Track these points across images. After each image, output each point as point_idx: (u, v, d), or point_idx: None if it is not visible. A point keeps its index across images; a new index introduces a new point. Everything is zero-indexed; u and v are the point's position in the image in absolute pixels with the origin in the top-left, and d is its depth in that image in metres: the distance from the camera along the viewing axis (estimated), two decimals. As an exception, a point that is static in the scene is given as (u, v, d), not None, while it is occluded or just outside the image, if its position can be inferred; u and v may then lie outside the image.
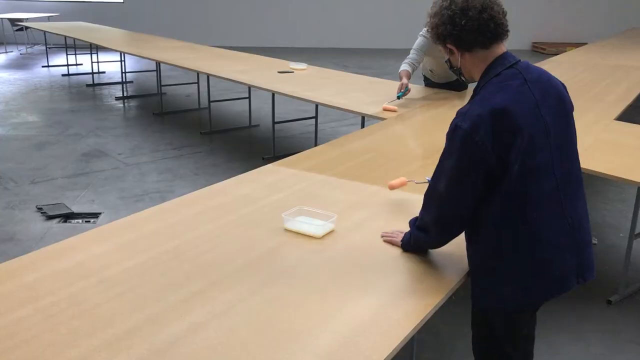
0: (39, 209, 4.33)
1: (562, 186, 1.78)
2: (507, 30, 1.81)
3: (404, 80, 4.31)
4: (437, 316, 1.77)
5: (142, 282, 1.80)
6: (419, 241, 1.98)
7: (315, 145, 4.58)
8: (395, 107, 4.13)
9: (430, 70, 4.74)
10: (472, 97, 1.81)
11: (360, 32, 13.42)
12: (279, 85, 4.96)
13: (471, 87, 5.12)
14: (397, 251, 2.05)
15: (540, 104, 1.75)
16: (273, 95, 5.19)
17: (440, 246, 1.97)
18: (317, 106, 5.28)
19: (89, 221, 4.19)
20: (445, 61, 1.95)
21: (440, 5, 1.82)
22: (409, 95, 4.40)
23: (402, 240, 2.04)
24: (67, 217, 4.23)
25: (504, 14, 1.81)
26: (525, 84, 1.75)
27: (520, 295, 1.80)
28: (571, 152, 1.85)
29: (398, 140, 3.47)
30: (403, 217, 2.33)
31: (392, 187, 2.51)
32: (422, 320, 1.65)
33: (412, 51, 4.43)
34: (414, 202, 2.47)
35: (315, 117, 5.71)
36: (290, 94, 4.68)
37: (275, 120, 5.54)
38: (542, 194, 1.73)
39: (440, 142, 1.85)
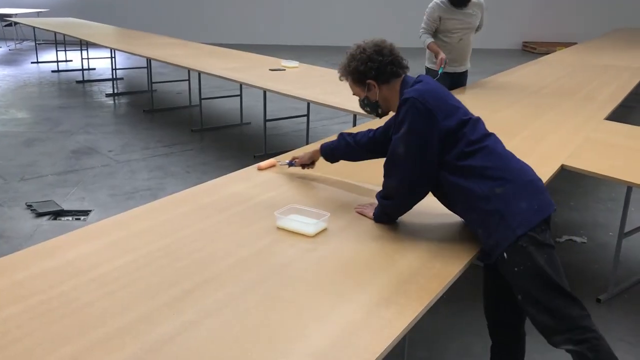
0: (29, 206, 4.30)
1: (483, 127, 2.16)
2: (407, 65, 2.24)
3: (443, 54, 4.33)
4: (429, 315, 1.77)
5: (133, 281, 1.79)
6: (387, 209, 2.20)
7: (307, 143, 4.58)
8: None
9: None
10: (397, 110, 2.11)
11: (351, 30, 13.40)
12: (271, 83, 4.95)
13: (470, 83, 5.13)
14: (389, 250, 2.05)
15: (443, 90, 2.18)
16: (265, 92, 5.18)
17: (407, 210, 2.18)
18: (308, 104, 5.28)
19: (79, 219, 4.16)
20: (362, 100, 2.29)
21: (353, 54, 2.21)
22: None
23: (373, 214, 2.24)
24: (57, 214, 4.20)
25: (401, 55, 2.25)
26: (430, 82, 2.17)
27: (529, 212, 1.96)
28: (465, 108, 2.21)
29: (390, 139, 3.46)
30: (395, 216, 2.33)
31: (261, 169, 2.77)
32: (414, 319, 1.66)
33: (425, 19, 4.46)
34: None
35: (307, 115, 5.70)
36: (282, 91, 4.68)
37: (267, 118, 5.54)
38: (479, 134, 2.09)
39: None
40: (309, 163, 2.67)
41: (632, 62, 6.56)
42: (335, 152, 2.55)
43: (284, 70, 5.65)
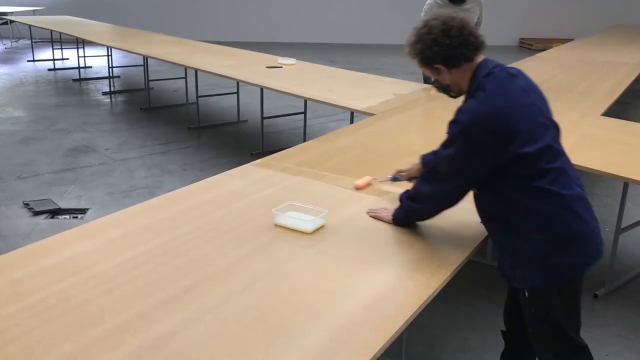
0: (26, 204, 4.29)
1: (567, 160, 1.97)
2: (484, 42, 1.97)
3: None
4: (427, 311, 1.78)
5: (131, 278, 1.79)
6: (411, 212, 2.15)
7: (304, 140, 4.58)
8: None
9: None
10: (466, 97, 1.98)
11: (348, 27, 13.41)
12: (268, 81, 4.95)
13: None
14: (386, 246, 2.06)
15: (529, 91, 1.97)
16: (262, 90, 5.18)
17: (430, 217, 2.14)
18: (305, 101, 5.28)
19: (77, 217, 4.16)
20: (433, 82, 2.10)
21: (419, 32, 1.98)
22: (397, 91, 4.41)
23: (393, 215, 2.19)
24: (54, 213, 4.20)
25: (478, 29, 2.00)
26: (511, 77, 1.95)
27: (568, 263, 1.88)
28: (558, 132, 2.03)
29: (387, 136, 3.47)
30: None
31: (358, 188, 2.54)
32: (412, 315, 1.66)
33: (422, 16, 4.44)
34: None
35: (304, 113, 5.70)
36: (279, 89, 4.67)
37: (264, 115, 5.53)
38: (559, 168, 1.89)
39: (430, 138, 1.86)
40: (417, 175, 2.38)
41: (628, 58, 6.57)
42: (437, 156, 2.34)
43: (281, 67, 5.65)
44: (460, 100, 2.04)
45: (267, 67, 5.60)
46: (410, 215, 2.16)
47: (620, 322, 3.06)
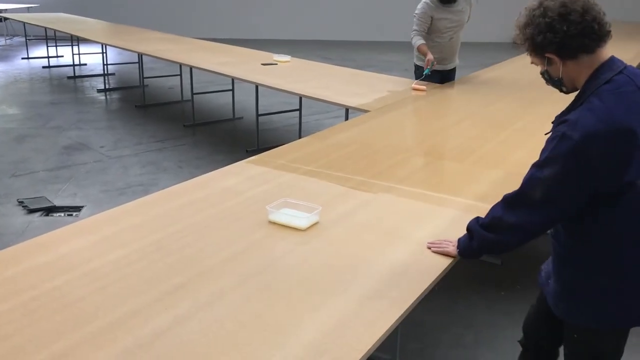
0: (20, 202, 4.28)
1: None
2: (610, 31, 1.67)
3: (430, 56, 4.32)
4: (420, 307, 1.78)
5: (125, 275, 1.79)
6: (488, 243, 1.84)
7: (299, 137, 4.58)
8: (424, 87, 4.16)
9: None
10: (577, 103, 1.67)
11: (343, 24, 13.40)
12: (263, 78, 4.95)
13: (456, 77, 5.14)
14: (380, 243, 2.06)
15: None
16: (257, 87, 5.17)
17: (510, 250, 1.85)
18: (300, 98, 5.28)
19: (71, 215, 4.15)
20: (542, 73, 1.79)
21: (532, 14, 1.67)
22: (393, 88, 4.41)
23: (459, 247, 1.93)
24: (49, 210, 4.19)
25: (604, 13, 1.66)
26: (639, 91, 1.62)
27: (623, 314, 1.73)
28: None
29: (382, 133, 3.47)
30: (389, 209, 2.35)
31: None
32: (406, 311, 1.67)
33: (416, 21, 4.44)
34: (400, 195, 2.48)
35: (299, 110, 5.69)
36: (274, 86, 4.67)
37: (259, 112, 5.53)
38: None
39: (426, 135, 1.86)
40: None
41: (623, 54, 6.54)
42: None
43: (276, 64, 5.64)
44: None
45: (262, 64, 5.59)
46: (484, 247, 1.86)
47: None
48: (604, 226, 1.64)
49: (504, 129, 3.42)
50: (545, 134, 1.69)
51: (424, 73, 4.35)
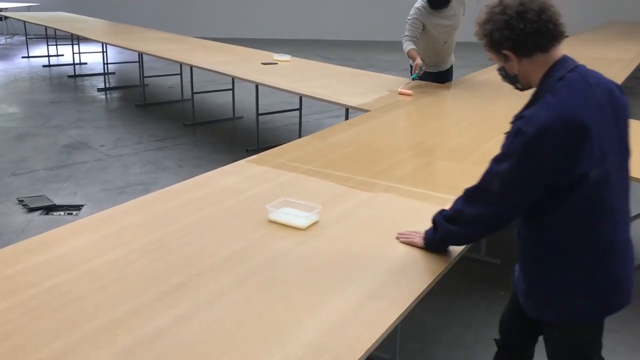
0: (20, 201, 4.29)
1: (626, 193, 1.76)
2: (564, 32, 1.73)
3: (419, 60, 4.30)
4: (420, 306, 1.78)
5: (125, 274, 1.79)
6: (450, 235, 1.91)
7: (299, 137, 4.57)
8: (411, 92, 4.15)
9: (421, 59, 4.70)
10: (533, 100, 1.73)
11: (343, 24, 13.40)
12: (263, 77, 4.95)
13: (455, 77, 5.13)
14: (380, 243, 2.06)
15: (605, 108, 1.69)
16: (257, 87, 5.17)
17: (472, 242, 1.91)
18: (301, 98, 5.28)
19: (71, 214, 4.15)
20: (499, 69, 1.84)
21: (492, 11, 1.73)
22: (393, 88, 4.40)
23: (425, 238, 1.98)
24: (49, 209, 4.19)
25: (560, 15, 1.73)
26: (590, 88, 1.69)
27: (591, 306, 1.75)
28: (627, 159, 1.78)
29: (382, 132, 3.47)
30: (389, 209, 2.35)
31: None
32: (405, 311, 1.67)
33: (408, 27, 4.42)
34: (400, 195, 2.48)
35: (299, 109, 5.70)
36: (274, 85, 4.67)
37: (259, 112, 5.53)
38: (613, 204, 1.70)
39: (425, 135, 1.86)
40: None
41: (623, 54, 6.58)
42: None
43: (276, 64, 5.64)
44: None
45: (262, 63, 5.59)
46: (447, 239, 1.93)
47: (613, 317, 3.06)
48: (562, 219, 1.68)
49: (503, 129, 3.39)
50: (505, 133, 1.73)
51: (411, 78, 4.35)
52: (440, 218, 1.91)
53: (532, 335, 2.06)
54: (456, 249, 2.01)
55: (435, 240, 1.95)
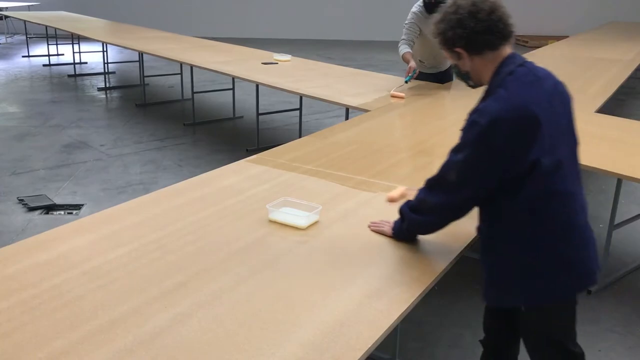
0: (20, 200, 4.29)
1: (579, 180, 1.86)
2: (513, 31, 1.82)
3: (412, 63, 4.30)
4: (420, 306, 1.78)
5: (125, 274, 1.79)
6: (415, 224, 1.99)
7: (300, 137, 4.57)
8: (403, 94, 4.14)
9: (420, 60, 4.71)
10: (486, 95, 1.82)
11: (344, 24, 13.40)
12: (263, 77, 4.95)
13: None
14: (380, 242, 2.06)
15: (553, 101, 1.78)
16: (257, 86, 5.17)
17: (436, 230, 1.98)
18: (301, 98, 5.28)
19: (71, 213, 4.15)
20: (452, 67, 1.95)
21: (446, 11, 1.84)
22: (393, 88, 4.40)
23: (393, 228, 2.06)
24: (49, 208, 4.19)
25: (509, 15, 1.82)
26: (539, 81, 1.79)
27: (552, 288, 1.80)
28: (576, 147, 1.89)
29: (382, 132, 3.48)
30: (389, 209, 2.34)
31: (392, 200, 2.16)
32: (405, 310, 1.67)
33: (405, 31, 4.42)
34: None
35: (300, 109, 5.70)
36: (275, 85, 4.67)
37: (260, 111, 5.53)
38: (567, 189, 1.78)
39: (425, 135, 1.86)
40: None
41: (622, 55, 6.58)
42: None
43: (277, 63, 5.64)
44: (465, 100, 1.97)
45: (262, 63, 5.60)
46: (412, 228, 2.01)
47: (612, 317, 3.08)
48: (517, 205, 1.75)
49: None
50: (460, 130, 1.80)
51: (405, 80, 4.35)
52: (406, 208, 2.00)
53: (510, 330, 2.12)
54: (456, 250, 2.02)
55: (402, 230, 2.03)
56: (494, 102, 1.73)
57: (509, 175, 1.72)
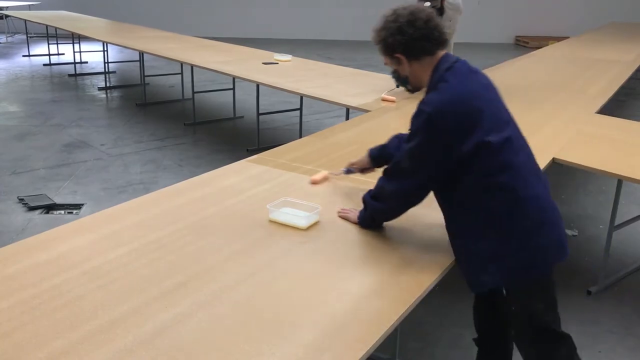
0: (20, 200, 4.29)
1: (532, 157, 1.97)
2: (447, 39, 2.00)
3: None
4: (420, 306, 1.78)
5: (125, 274, 1.79)
6: (376, 211, 2.09)
7: (300, 137, 4.58)
8: (394, 98, 4.13)
9: None
10: (429, 90, 1.96)
11: (344, 24, 13.39)
12: (264, 77, 4.95)
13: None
14: (380, 243, 2.06)
15: (488, 89, 1.96)
16: (257, 86, 5.17)
17: (396, 216, 2.08)
18: (301, 98, 5.27)
19: (71, 212, 4.15)
20: (392, 72, 2.09)
21: (386, 20, 1.99)
22: (392, 88, 4.40)
23: (358, 217, 2.15)
24: (49, 208, 4.19)
25: (443, 25, 2.01)
26: (474, 73, 1.96)
27: (525, 265, 1.86)
28: (519, 129, 2.00)
29: (382, 132, 3.46)
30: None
31: (314, 182, 2.54)
32: (405, 311, 1.67)
33: None
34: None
35: (300, 109, 5.70)
36: (275, 85, 4.67)
37: (260, 111, 5.53)
38: (521, 163, 1.88)
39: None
40: (368, 167, 2.45)
41: (623, 56, 6.58)
42: (385, 148, 2.40)
43: (277, 63, 5.64)
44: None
45: (263, 63, 5.60)
46: (375, 215, 2.10)
47: (612, 318, 3.07)
48: (470, 188, 1.85)
49: (504, 130, 3.42)
50: (409, 129, 1.94)
51: (396, 85, 4.34)
52: (368, 197, 2.10)
53: (501, 325, 2.21)
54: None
55: (366, 218, 2.12)
56: (437, 94, 1.88)
57: (458, 157, 1.82)
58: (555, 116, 3.79)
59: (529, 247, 1.85)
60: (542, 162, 2.88)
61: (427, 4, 4.22)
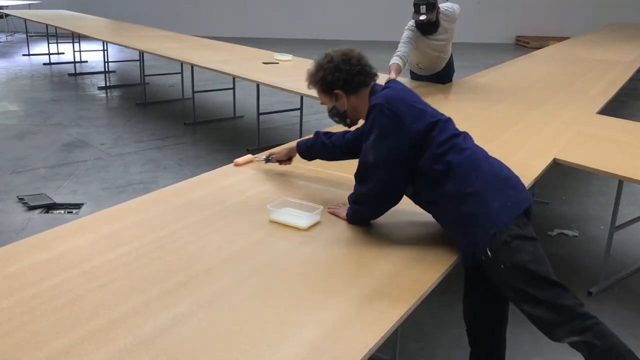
0: (20, 199, 4.28)
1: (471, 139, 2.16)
2: (377, 73, 2.23)
3: (392, 75, 4.27)
4: (420, 307, 1.78)
5: (125, 274, 1.79)
6: (360, 214, 2.17)
7: (300, 136, 4.57)
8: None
9: (417, 64, 4.71)
10: (369, 113, 2.09)
11: (345, 23, 13.39)
12: (264, 76, 4.94)
13: (457, 78, 5.12)
14: (381, 243, 2.06)
15: (413, 93, 2.19)
16: (258, 86, 5.17)
17: (379, 215, 2.15)
18: (302, 98, 5.27)
19: (71, 212, 4.15)
20: (329, 110, 2.26)
21: (320, 62, 2.19)
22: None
23: (346, 215, 2.21)
24: (49, 207, 4.19)
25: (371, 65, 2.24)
26: (403, 87, 2.19)
27: (503, 209, 1.93)
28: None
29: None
30: (390, 210, 2.34)
31: (237, 164, 2.73)
32: (406, 311, 1.67)
33: (400, 45, 4.38)
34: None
35: (300, 109, 5.69)
36: (275, 85, 4.67)
37: (260, 111, 5.52)
38: (462, 134, 2.12)
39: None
40: (285, 159, 2.66)
41: (623, 56, 6.58)
42: (311, 149, 2.55)
43: (277, 63, 5.64)
44: None
45: (263, 62, 5.59)
46: (359, 216, 2.18)
47: (613, 319, 3.06)
48: (430, 168, 1.99)
49: (505, 130, 3.42)
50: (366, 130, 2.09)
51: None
52: (351, 199, 2.20)
53: (492, 315, 2.27)
54: (457, 251, 2.01)
55: (352, 217, 2.20)
56: (382, 93, 2.09)
57: (416, 136, 1.99)
58: (556, 116, 3.79)
59: (505, 190, 1.98)
60: (543, 162, 2.88)
61: (423, 17, 4.25)
